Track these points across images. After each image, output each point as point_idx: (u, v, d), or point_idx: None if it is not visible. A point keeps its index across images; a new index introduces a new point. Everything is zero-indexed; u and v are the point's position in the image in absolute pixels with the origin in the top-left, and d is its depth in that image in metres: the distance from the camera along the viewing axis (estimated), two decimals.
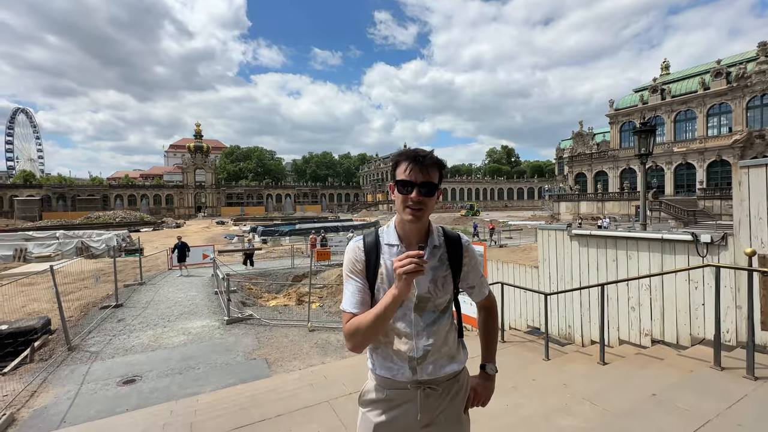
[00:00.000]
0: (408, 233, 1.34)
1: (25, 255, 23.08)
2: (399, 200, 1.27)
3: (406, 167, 1.26)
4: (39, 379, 5.87)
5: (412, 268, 1.09)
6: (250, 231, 36.46)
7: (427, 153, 1.28)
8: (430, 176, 1.26)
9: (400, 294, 1.14)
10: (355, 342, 1.23)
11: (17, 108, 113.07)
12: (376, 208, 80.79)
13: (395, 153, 1.34)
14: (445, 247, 1.38)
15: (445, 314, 1.37)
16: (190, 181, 76.97)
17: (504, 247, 23.19)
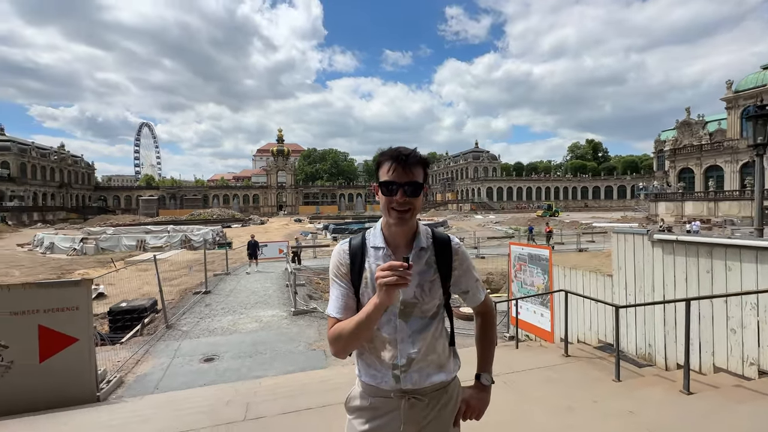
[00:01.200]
0: (394, 235, 1.29)
1: (144, 245, 27.65)
2: (383, 202, 1.23)
3: (388, 168, 1.22)
4: (143, 350, 6.99)
5: (393, 281, 1.04)
6: (323, 229, 38.69)
7: (410, 151, 1.23)
8: (414, 175, 1.21)
9: (381, 303, 1.10)
10: (338, 348, 1.22)
11: (142, 122, 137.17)
12: (445, 207, 79.34)
13: (377, 153, 1.31)
14: (433, 250, 1.31)
15: (435, 320, 1.30)
16: (273, 182, 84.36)
17: (584, 251, 21.04)
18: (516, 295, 7.18)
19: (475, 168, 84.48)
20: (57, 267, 19.57)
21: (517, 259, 7.15)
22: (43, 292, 4.75)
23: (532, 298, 6.77)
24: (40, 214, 60.39)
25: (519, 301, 6.90)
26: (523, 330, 7.04)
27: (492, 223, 44.88)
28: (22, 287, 4.85)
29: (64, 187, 72.17)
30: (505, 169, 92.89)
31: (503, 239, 25.82)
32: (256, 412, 3.62)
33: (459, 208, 75.22)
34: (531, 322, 6.76)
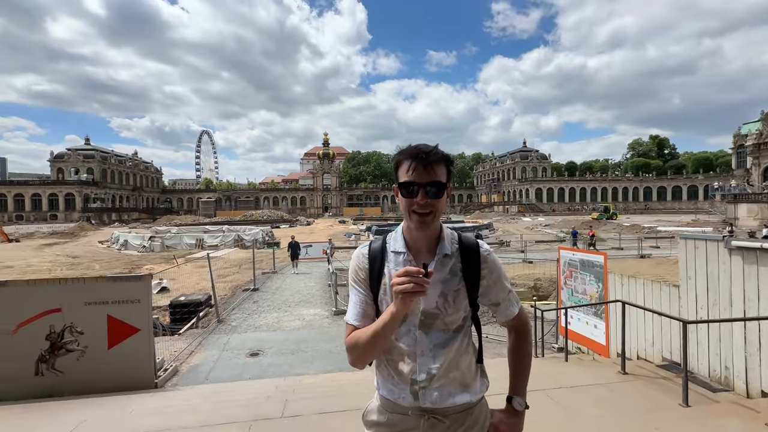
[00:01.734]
0: (416, 240, 1.21)
1: (202, 243, 29.83)
2: (404, 205, 1.15)
3: (408, 167, 1.13)
4: (196, 342, 7.49)
5: (410, 288, 0.96)
6: (366, 230, 39.17)
7: (431, 148, 1.14)
8: (436, 174, 1.12)
9: (397, 312, 1.03)
10: (354, 357, 1.16)
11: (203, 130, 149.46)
12: (491, 209, 76.88)
13: (396, 152, 1.20)
14: (459, 257, 1.21)
15: (459, 334, 1.19)
16: (319, 184, 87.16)
17: (646, 258, 19.20)
18: (566, 303, 6.69)
19: (522, 168, 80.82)
20: (129, 262, 21.73)
21: (567, 265, 6.66)
22: (110, 285, 5.25)
23: (585, 308, 6.26)
24: (117, 214, 67.63)
25: (569, 311, 6.42)
26: (573, 341, 6.54)
27: (541, 225, 42.63)
28: (94, 280, 5.40)
29: (136, 190, 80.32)
30: (556, 169, 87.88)
31: (553, 243, 24.38)
32: (294, 410, 3.69)
33: (506, 210, 72.45)
34: (583, 334, 6.25)
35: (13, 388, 4.82)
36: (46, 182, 67.76)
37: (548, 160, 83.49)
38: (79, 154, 71.30)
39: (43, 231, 41.05)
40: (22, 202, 64.79)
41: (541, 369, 5.28)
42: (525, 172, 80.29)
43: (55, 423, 3.53)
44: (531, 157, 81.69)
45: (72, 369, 4.98)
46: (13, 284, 5.17)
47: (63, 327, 5.04)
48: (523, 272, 14.69)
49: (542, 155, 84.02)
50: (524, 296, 12.14)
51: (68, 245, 30.70)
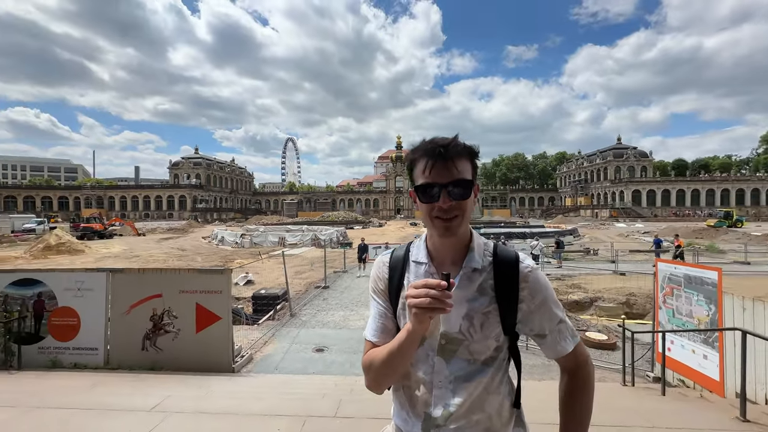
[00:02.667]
0: (440, 249, 1.05)
1: (284, 241, 32.46)
2: (424, 210, 1.00)
3: (425, 166, 0.97)
4: (270, 333, 8.09)
5: (426, 304, 0.82)
6: None
7: (449, 140, 0.96)
8: (459, 171, 0.95)
9: (413, 332, 0.89)
10: (369, 379, 1.03)
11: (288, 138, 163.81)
12: (576, 213, 69.79)
13: (409, 150, 1.04)
14: (491, 272, 1.02)
15: (489, 368, 1.00)
16: (391, 186, 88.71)
17: None
18: (665, 325, 5.66)
19: (616, 168, 71.77)
20: (224, 256, 24.60)
21: (667, 280, 5.62)
22: (199, 276, 5.93)
23: (690, 333, 5.22)
24: (218, 214, 77.32)
25: (669, 335, 5.42)
26: (674, 372, 5.50)
27: (638, 233, 37.36)
28: (186, 272, 6.16)
29: (233, 193, 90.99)
30: (660, 167, 76.52)
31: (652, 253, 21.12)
32: (347, 411, 3.71)
33: (594, 214, 65.17)
34: (688, 364, 5.20)
35: (126, 359, 5.72)
36: (165, 186, 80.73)
37: (649, 158, 72.94)
38: (190, 162, 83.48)
39: (162, 227, 48.82)
40: (149, 202, 78.13)
41: (629, 401, 4.55)
42: (619, 172, 71.29)
43: (147, 394, 4.07)
44: (627, 155, 72.16)
45: (168, 348, 5.73)
46: (127, 272, 6.15)
47: (163, 310, 5.83)
48: (613, 285, 12.96)
49: (641, 152, 73.75)
50: (613, 313, 10.70)
51: (179, 240, 35.98)
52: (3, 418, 3.48)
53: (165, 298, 5.83)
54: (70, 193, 79.49)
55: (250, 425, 3.41)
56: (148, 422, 3.37)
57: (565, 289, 12.58)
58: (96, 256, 23.71)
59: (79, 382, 4.82)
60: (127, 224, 43.47)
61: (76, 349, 5.77)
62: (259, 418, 3.55)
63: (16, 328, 5.64)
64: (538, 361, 6.96)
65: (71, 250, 24.28)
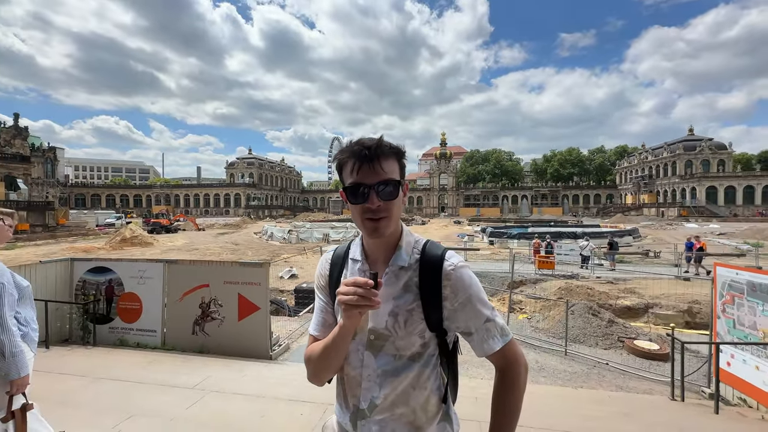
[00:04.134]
0: (372, 248, 1.09)
1: (328, 238, 33.58)
2: (354, 212, 1.02)
3: (352, 167, 0.98)
4: (308, 324, 8.48)
5: (353, 301, 0.87)
6: (480, 231, 37.62)
7: (374, 141, 0.98)
8: (386, 171, 0.97)
9: (345, 328, 0.94)
10: (308, 371, 1.07)
11: (334, 137, 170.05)
12: (639, 212, 64.11)
13: (338, 151, 1.05)
14: (417, 270, 1.04)
15: (416, 363, 1.01)
16: (435, 184, 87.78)
17: None
18: (724, 337, 5.09)
19: (687, 161, 64.58)
20: (272, 251, 26.03)
21: (726, 287, 5.05)
22: (241, 269, 6.41)
23: (754, 347, 4.66)
24: (269, 210, 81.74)
25: (728, 347, 4.88)
26: (734, 389, 4.95)
27: (713, 234, 33.46)
28: (230, 264, 6.68)
29: (283, 191, 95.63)
30: (741, 161, 67.77)
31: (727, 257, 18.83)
32: None
33: (660, 213, 59.45)
34: (749, 381, 4.65)
35: (179, 341, 6.35)
36: (222, 184, 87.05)
37: (728, 151, 64.74)
38: (244, 162, 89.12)
39: (219, 223, 52.73)
40: (208, 199, 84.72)
41: (674, 416, 4.21)
42: (690, 166, 64.19)
43: (191, 374, 4.52)
44: (700, 148, 64.65)
45: (214, 333, 6.27)
46: (180, 263, 6.80)
47: (210, 299, 6.39)
48: (674, 291, 11.80)
49: (718, 144, 65.69)
50: (672, 321, 9.76)
51: (234, 235, 38.62)
52: (77, 384, 4.08)
53: (212, 288, 6.37)
54: (143, 192, 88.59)
55: (276, 408, 3.67)
56: (190, 398, 3.76)
57: (616, 294, 11.70)
58: (162, 249, 26.25)
59: (139, 359, 5.45)
60: (189, 220, 47.61)
61: (139, 331, 6.52)
62: (285, 402, 3.80)
63: (92, 310, 6.49)
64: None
65: (143, 242, 27.15)
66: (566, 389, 5.59)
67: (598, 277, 14.50)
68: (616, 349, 7.29)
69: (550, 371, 6.34)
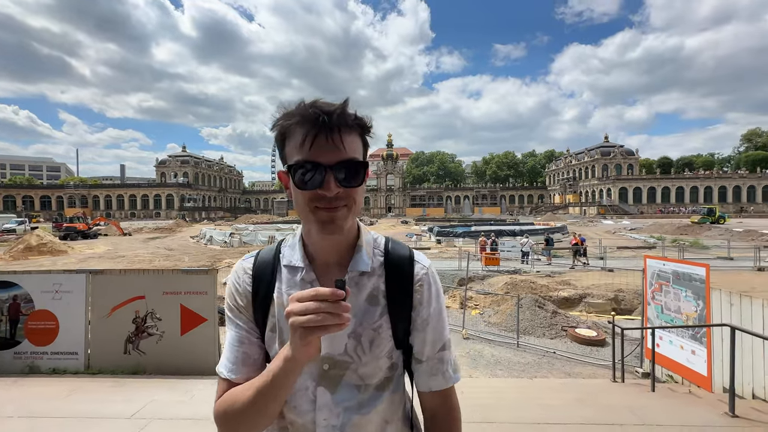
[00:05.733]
0: (321, 250, 0.81)
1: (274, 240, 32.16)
2: (300, 199, 0.74)
3: (303, 139, 0.71)
4: None
5: (316, 321, 0.60)
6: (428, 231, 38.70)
7: (338, 107, 0.72)
8: (347, 149, 0.72)
9: (295, 360, 0.65)
10: (227, 430, 0.74)
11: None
12: (565, 211, 70.83)
13: (280, 114, 0.75)
14: (383, 275, 0.82)
15: (385, 392, 0.80)
16: (382, 185, 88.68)
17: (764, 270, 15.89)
18: (654, 321, 5.70)
19: (603, 165, 72.95)
20: (212, 256, 24.21)
21: (656, 276, 5.66)
22: (183, 277, 5.76)
23: (678, 329, 5.26)
24: (206, 213, 76.19)
25: (659, 331, 5.46)
26: (663, 367, 5.55)
27: (626, 230, 38.03)
28: (170, 272, 5.97)
29: (221, 191, 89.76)
30: (645, 165, 78.04)
31: (639, 249, 21.48)
32: None
33: (583, 211, 66.19)
34: (676, 360, 5.25)
35: (107, 362, 5.52)
36: (152, 184, 79.19)
37: (635, 156, 74.38)
38: (177, 160, 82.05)
39: (149, 226, 47.87)
40: (135, 201, 76.55)
41: (619, 398, 4.56)
42: (606, 169, 72.50)
43: (128, 400, 3.92)
44: (614, 153, 73.44)
45: (152, 351, 5.55)
46: (108, 273, 5.93)
47: (146, 312, 5.64)
48: (602, 282, 13.12)
49: (628, 151, 75.14)
50: (602, 309, 10.81)
51: (166, 239, 35.33)
52: None
53: (148, 300, 5.63)
54: (53, 192, 77.41)
55: None
56: (128, 430, 3.23)
57: (554, 286, 12.68)
58: (79, 257, 23.12)
59: (56, 388, 4.62)
60: (112, 224, 42.52)
61: (54, 354, 5.55)
62: None
63: None
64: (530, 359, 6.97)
65: (53, 250, 23.62)
66: (523, 380, 5.84)
67: (537, 271, 15.62)
68: (561, 338, 7.85)
69: (506, 364, 6.60)
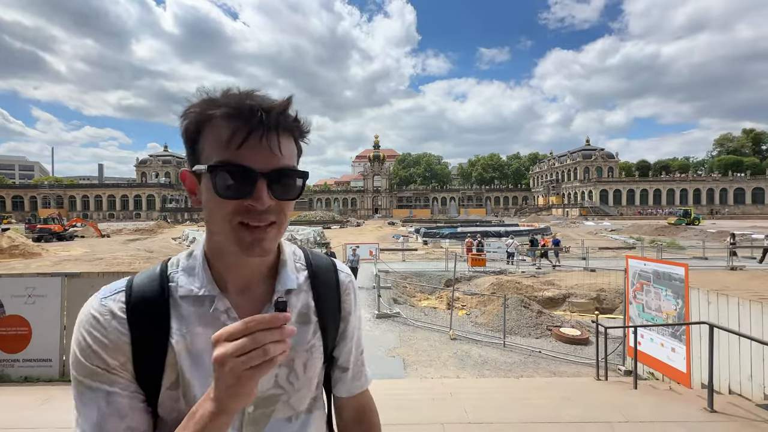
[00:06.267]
0: (238, 272, 0.66)
1: None
2: (219, 210, 0.59)
3: (231, 135, 0.57)
4: None
5: (262, 357, 0.48)
6: (414, 232, 38.85)
7: (278, 104, 0.59)
8: (285, 154, 0.60)
9: (230, 411, 0.51)
10: None
11: None
12: (549, 212, 72.25)
13: (200, 101, 0.61)
14: (310, 290, 0.74)
15: (314, 411, 0.73)
16: (369, 186, 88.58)
17: (739, 270, 16.56)
18: (636, 320, 5.85)
19: (585, 168, 74.82)
20: None
21: (637, 276, 5.82)
22: None
23: (659, 327, 5.41)
24: (189, 213, 74.48)
25: (640, 329, 5.60)
26: (644, 365, 5.69)
27: (606, 230, 39.03)
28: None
29: None
30: (625, 168, 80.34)
31: (620, 250, 22.08)
32: None
33: (565, 213, 67.66)
34: (657, 357, 5.39)
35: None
36: (132, 185, 77.02)
37: (615, 159, 76.48)
38: (159, 160, 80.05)
39: (129, 228, 46.48)
40: (113, 202, 74.24)
41: (604, 396, 4.64)
42: (588, 172, 74.34)
43: None
44: (595, 156, 75.39)
45: None
46: (85, 276, 5.71)
47: None
48: (585, 281, 13.40)
49: (608, 154, 77.22)
50: (585, 308, 11.04)
51: (147, 241, 34.35)
52: None
53: None
54: (26, 192, 74.38)
55: None
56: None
57: (539, 286, 12.89)
58: (54, 260, 22.23)
59: (29, 397, 4.40)
60: (89, 225, 41.10)
61: (26, 361, 5.32)
62: None
63: None
64: (517, 358, 7.03)
65: (26, 253, 22.65)
66: (509, 380, 5.90)
67: (522, 271, 15.85)
68: (546, 338, 7.98)
69: (493, 364, 6.65)
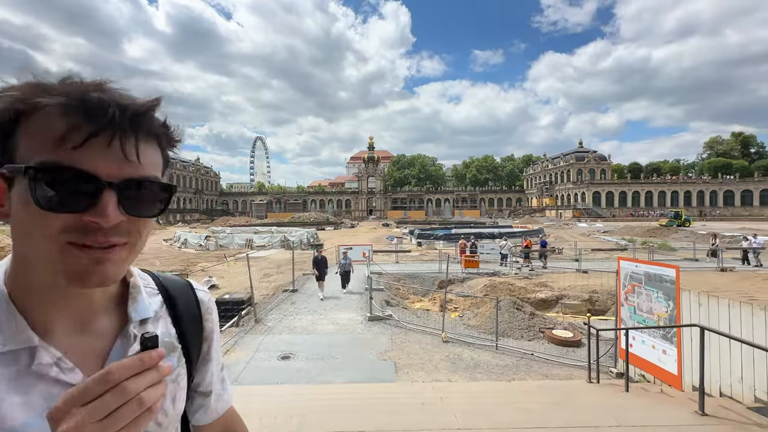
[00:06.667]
0: (64, 305, 0.53)
1: (251, 243, 31.36)
2: (39, 227, 0.45)
3: (66, 131, 0.45)
4: (233, 341, 7.63)
5: (136, 410, 0.41)
6: (409, 233, 38.79)
7: (141, 102, 0.50)
8: (145, 162, 0.50)
9: None
10: None
11: (257, 137, 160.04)
12: (542, 214, 72.66)
13: (26, 83, 0.47)
14: (167, 316, 0.66)
15: None
16: (364, 187, 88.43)
17: (728, 271, 16.72)
18: (627, 322, 5.81)
19: (578, 170, 75.43)
20: (186, 260, 23.35)
21: (629, 278, 5.78)
22: None
23: (650, 329, 5.37)
24: (181, 215, 73.76)
25: (631, 331, 5.56)
26: (636, 367, 5.65)
27: (599, 232, 39.30)
28: None
29: (198, 193, 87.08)
30: (617, 171, 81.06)
31: (612, 251, 22.20)
32: (310, 428, 3.45)
33: (559, 215, 68.05)
34: (648, 359, 5.35)
35: None
36: None
37: (607, 162, 77.20)
38: None
39: None
40: None
41: (596, 399, 4.58)
42: (581, 174, 74.94)
43: None
44: (588, 159, 76.07)
45: None
46: None
47: None
48: (577, 283, 13.41)
49: (600, 156, 77.92)
50: (577, 310, 11.03)
51: None
52: None
53: None
54: None
55: None
56: None
57: (532, 288, 12.87)
58: None
59: None
60: None
61: None
62: None
63: None
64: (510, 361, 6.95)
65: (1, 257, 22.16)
66: (501, 383, 5.82)
67: (516, 272, 15.83)
68: (539, 340, 7.93)
69: (485, 367, 6.58)
